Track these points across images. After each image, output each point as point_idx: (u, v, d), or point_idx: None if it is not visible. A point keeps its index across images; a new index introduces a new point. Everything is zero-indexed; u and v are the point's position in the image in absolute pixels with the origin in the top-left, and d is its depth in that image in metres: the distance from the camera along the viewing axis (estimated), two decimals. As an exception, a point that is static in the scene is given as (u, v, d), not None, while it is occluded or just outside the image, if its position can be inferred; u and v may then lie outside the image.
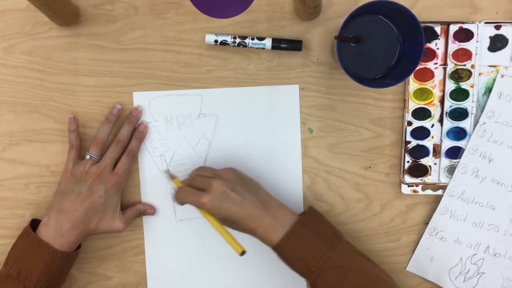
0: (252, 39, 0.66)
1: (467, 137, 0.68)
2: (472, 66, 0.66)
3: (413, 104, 0.67)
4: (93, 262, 0.70)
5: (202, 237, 0.70)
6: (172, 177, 0.66)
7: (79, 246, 0.66)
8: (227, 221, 0.61)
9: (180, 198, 0.62)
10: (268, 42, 0.66)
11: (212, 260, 0.70)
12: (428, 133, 0.68)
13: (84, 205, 0.63)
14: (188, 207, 0.70)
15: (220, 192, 0.60)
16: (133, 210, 0.68)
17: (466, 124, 0.67)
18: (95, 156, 0.65)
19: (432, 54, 0.67)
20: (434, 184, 0.69)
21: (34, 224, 0.65)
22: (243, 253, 0.59)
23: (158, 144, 0.69)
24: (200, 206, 0.60)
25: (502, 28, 0.66)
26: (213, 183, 0.60)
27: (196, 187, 0.62)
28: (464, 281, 0.68)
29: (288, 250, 0.59)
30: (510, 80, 0.67)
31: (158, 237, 0.70)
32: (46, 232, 0.63)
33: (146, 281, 0.70)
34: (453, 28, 0.66)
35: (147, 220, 0.70)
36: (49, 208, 0.65)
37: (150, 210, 0.69)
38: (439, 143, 0.68)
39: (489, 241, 0.68)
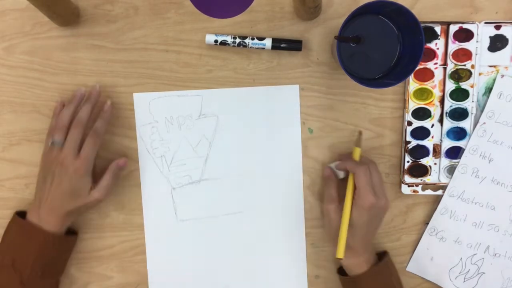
0: (252, 39, 0.66)
1: (467, 137, 0.68)
2: (472, 66, 0.66)
3: (413, 104, 0.67)
4: (93, 262, 0.70)
5: (203, 237, 0.70)
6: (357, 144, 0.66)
7: (76, 234, 0.67)
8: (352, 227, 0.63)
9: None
10: (268, 42, 0.66)
11: (213, 260, 0.70)
12: (428, 133, 0.68)
13: (56, 192, 0.62)
14: (188, 207, 0.70)
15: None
16: (108, 175, 0.65)
17: (466, 124, 0.67)
18: (58, 141, 0.62)
19: (432, 54, 0.67)
20: (434, 184, 0.69)
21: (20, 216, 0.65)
22: (340, 259, 0.62)
23: (159, 145, 0.69)
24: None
25: (502, 28, 0.66)
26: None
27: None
28: (464, 281, 0.68)
29: (367, 284, 0.64)
30: (510, 80, 0.67)
31: (159, 237, 0.70)
32: (32, 219, 0.63)
33: (147, 281, 0.70)
34: (453, 28, 0.66)
35: (147, 220, 0.70)
36: (34, 195, 0.65)
37: (120, 162, 0.66)
38: (439, 143, 0.68)
39: (489, 241, 0.68)
